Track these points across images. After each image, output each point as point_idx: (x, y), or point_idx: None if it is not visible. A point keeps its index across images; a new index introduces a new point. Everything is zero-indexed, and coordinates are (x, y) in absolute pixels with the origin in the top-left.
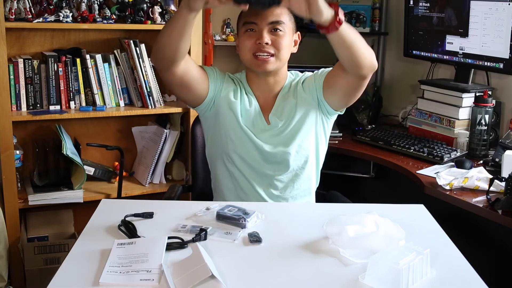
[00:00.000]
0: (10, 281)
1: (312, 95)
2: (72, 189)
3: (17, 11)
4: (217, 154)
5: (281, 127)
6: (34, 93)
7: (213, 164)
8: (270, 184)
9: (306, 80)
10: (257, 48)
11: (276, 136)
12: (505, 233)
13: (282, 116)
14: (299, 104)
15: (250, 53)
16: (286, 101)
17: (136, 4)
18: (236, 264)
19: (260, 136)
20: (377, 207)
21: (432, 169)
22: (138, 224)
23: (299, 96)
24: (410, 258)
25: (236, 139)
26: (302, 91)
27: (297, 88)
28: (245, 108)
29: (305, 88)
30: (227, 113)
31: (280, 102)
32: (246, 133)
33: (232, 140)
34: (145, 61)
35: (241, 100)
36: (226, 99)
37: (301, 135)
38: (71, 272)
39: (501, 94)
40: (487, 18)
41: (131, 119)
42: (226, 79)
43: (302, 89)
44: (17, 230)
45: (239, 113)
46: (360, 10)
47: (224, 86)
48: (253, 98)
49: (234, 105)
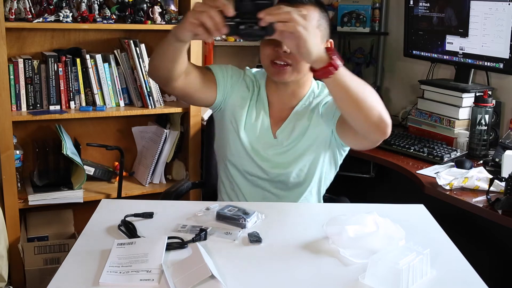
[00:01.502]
0: (10, 281)
1: (328, 124)
2: (72, 189)
3: (17, 11)
4: (220, 154)
5: (286, 146)
6: (34, 93)
7: (218, 163)
8: (264, 197)
9: (328, 106)
10: (275, 56)
11: (279, 155)
12: (505, 233)
13: (291, 136)
14: (311, 127)
15: (268, 60)
16: (299, 120)
17: (136, 4)
18: (236, 264)
19: (262, 153)
20: (377, 207)
21: (432, 169)
22: (138, 224)
23: (314, 119)
24: (410, 258)
25: (234, 150)
26: (319, 115)
27: (315, 110)
28: (250, 121)
29: (323, 114)
30: (231, 121)
31: (292, 119)
32: (245, 147)
33: (231, 150)
34: (145, 61)
35: (249, 111)
36: (233, 106)
37: (304, 159)
38: (71, 272)
39: (501, 94)
40: (487, 18)
41: (131, 119)
42: (240, 83)
43: (319, 113)
44: (17, 230)
45: (242, 126)
46: (360, 10)
47: (235, 92)
48: (265, 105)
49: (239, 116)
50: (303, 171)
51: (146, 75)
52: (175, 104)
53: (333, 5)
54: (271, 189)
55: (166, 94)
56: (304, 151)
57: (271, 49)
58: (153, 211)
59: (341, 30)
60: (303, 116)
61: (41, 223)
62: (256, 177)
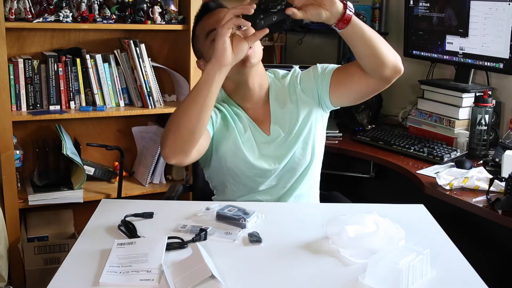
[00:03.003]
0: (10, 281)
1: (313, 94)
2: (72, 189)
3: (17, 11)
4: (218, 178)
5: (284, 136)
6: (34, 93)
7: (213, 185)
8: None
9: (303, 79)
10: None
11: (279, 147)
12: (505, 233)
13: (285, 125)
14: (300, 108)
15: None
16: (284, 107)
17: (136, 4)
18: (236, 264)
19: (265, 154)
20: (377, 207)
21: (432, 169)
22: (138, 224)
23: (299, 99)
24: (410, 258)
25: (239, 172)
26: (301, 93)
27: (293, 90)
28: (243, 136)
29: (304, 89)
30: (228, 148)
31: (277, 110)
32: (251, 164)
33: (235, 173)
34: (145, 61)
35: (236, 128)
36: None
37: (303, 138)
38: (71, 272)
39: (501, 94)
40: (487, 18)
41: (131, 119)
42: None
43: (301, 90)
44: (17, 230)
45: (241, 145)
46: (360, 10)
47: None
48: (243, 113)
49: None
50: (304, 149)
51: (146, 75)
52: (175, 104)
53: None
54: (282, 182)
55: (166, 94)
56: (301, 130)
57: None
58: (153, 211)
59: None
60: (285, 102)
61: (41, 223)
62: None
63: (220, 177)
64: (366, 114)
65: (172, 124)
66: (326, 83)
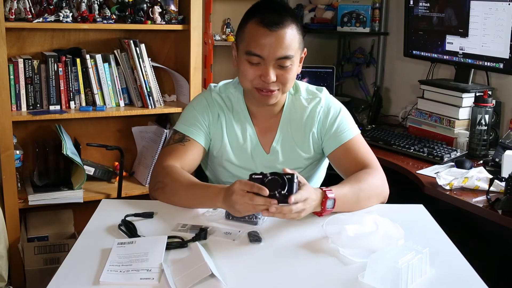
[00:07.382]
0: (10, 281)
1: (321, 138)
2: (72, 189)
3: (17, 11)
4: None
5: (282, 162)
6: (34, 93)
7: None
8: None
9: (322, 122)
10: (260, 84)
11: (273, 168)
12: (505, 233)
13: (285, 152)
14: (306, 149)
15: (251, 85)
16: (293, 137)
17: (136, 4)
18: (236, 264)
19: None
20: (377, 207)
21: (432, 169)
22: (138, 224)
23: (312, 139)
24: (409, 257)
25: (229, 177)
26: (314, 136)
27: (312, 128)
28: (238, 142)
29: (318, 132)
30: (220, 152)
31: (284, 131)
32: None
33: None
34: (145, 61)
35: (230, 132)
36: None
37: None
38: (71, 272)
39: (501, 94)
40: (487, 18)
41: (131, 119)
42: (212, 117)
43: (314, 134)
44: (17, 230)
45: (229, 150)
46: (360, 10)
47: (212, 130)
48: (247, 117)
49: (223, 144)
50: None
51: (146, 75)
52: (175, 104)
53: (333, 5)
54: None
55: (166, 94)
56: (300, 159)
57: (256, 76)
58: (153, 211)
59: (341, 30)
60: (294, 129)
61: (41, 223)
62: None
63: (216, 174)
64: (366, 114)
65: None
66: (329, 147)
